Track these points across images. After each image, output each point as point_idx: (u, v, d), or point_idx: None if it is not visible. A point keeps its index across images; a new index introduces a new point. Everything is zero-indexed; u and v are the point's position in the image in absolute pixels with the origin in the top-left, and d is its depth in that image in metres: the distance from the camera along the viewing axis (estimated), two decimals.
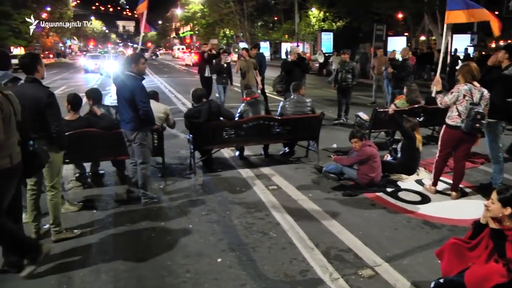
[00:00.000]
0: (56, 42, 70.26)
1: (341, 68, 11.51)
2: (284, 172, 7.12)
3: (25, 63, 4.39)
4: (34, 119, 4.27)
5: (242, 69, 11.87)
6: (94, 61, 33.60)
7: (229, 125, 7.07)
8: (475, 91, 5.54)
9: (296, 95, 7.91)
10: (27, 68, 4.39)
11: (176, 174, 7.04)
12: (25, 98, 4.21)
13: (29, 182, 4.59)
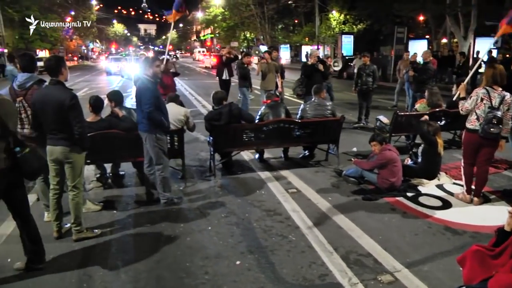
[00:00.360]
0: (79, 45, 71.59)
1: (361, 71, 11.43)
2: (303, 175, 7.09)
3: (50, 65, 4.50)
4: (57, 121, 4.39)
5: (263, 71, 11.90)
6: (117, 63, 34.09)
7: (249, 127, 7.08)
8: (494, 94, 5.43)
9: (317, 98, 7.90)
10: (52, 71, 4.50)
11: (196, 176, 7.08)
12: (49, 99, 4.37)
13: (51, 182, 4.70)
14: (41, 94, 4.52)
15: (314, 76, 10.42)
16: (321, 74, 10.60)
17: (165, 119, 5.43)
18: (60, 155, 4.52)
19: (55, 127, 4.44)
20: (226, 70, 13.27)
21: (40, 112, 4.46)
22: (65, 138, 4.46)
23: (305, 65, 11.03)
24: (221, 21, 60.45)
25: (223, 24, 59.89)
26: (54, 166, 4.62)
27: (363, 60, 11.62)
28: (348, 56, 32.59)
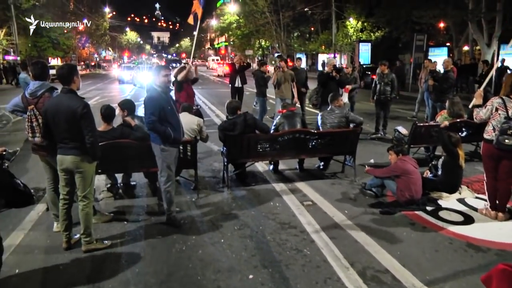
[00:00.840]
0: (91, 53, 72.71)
1: (379, 80, 11.38)
2: (319, 187, 7.08)
3: (62, 74, 4.59)
4: (69, 130, 4.47)
5: (279, 80, 11.93)
6: (129, 72, 34.51)
7: (264, 138, 7.10)
8: (511, 104, 5.36)
9: (333, 106, 7.90)
10: (64, 79, 4.59)
11: (209, 187, 7.11)
12: (60, 108, 4.46)
13: (61, 191, 4.76)
14: (52, 102, 4.61)
15: (329, 85, 10.43)
16: (336, 83, 10.60)
17: (173, 130, 5.25)
18: (70, 165, 4.57)
19: (66, 136, 4.51)
20: (239, 78, 13.44)
21: (51, 121, 4.53)
22: (76, 147, 4.53)
23: (321, 73, 11.10)
24: (236, 29, 60.93)
25: (238, 32, 60.34)
26: (65, 175, 4.68)
27: (381, 69, 11.58)
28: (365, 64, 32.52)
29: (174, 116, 5.33)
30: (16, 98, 5.17)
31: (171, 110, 5.27)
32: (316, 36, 47.73)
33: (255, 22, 52.13)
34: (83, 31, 57.24)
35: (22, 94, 5.11)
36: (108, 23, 69.84)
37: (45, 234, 5.30)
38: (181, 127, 5.46)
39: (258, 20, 50.93)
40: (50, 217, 5.47)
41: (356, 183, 7.21)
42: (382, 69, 11.52)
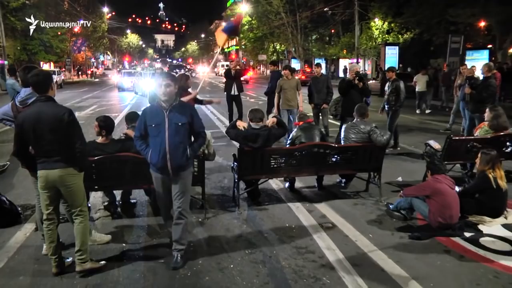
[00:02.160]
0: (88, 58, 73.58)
1: (387, 88, 11.44)
2: (340, 207, 7.06)
3: (38, 81, 4.65)
4: (54, 140, 4.50)
5: (282, 87, 11.90)
6: (130, 78, 34.83)
7: (278, 152, 7.12)
8: None
9: (358, 120, 7.84)
10: (40, 87, 4.65)
11: (217, 206, 7.14)
12: (43, 117, 4.46)
13: (44, 211, 4.77)
14: (30, 112, 4.56)
15: (351, 94, 10.31)
16: (359, 92, 10.44)
17: (153, 152, 4.96)
18: (58, 179, 4.57)
19: (50, 148, 4.51)
20: (235, 85, 13.72)
21: (30, 134, 4.50)
22: (62, 159, 4.54)
23: (342, 81, 10.91)
24: (248, 31, 61.32)
25: (250, 34, 60.76)
26: (48, 193, 4.66)
27: (388, 75, 11.59)
28: None
29: (156, 137, 4.89)
30: (6, 106, 5.25)
31: (155, 128, 4.88)
32: (336, 39, 47.94)
33: (269, 24, 52.49)
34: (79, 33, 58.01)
35: (12, 102, 5.18)
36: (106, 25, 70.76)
37: (33, 257, 5.34)
38: (165, 151, 4.85)
39: (273, 21, 51.28)
40: (39, 238, 5.50)
41: (382, 204, 7.17)
42: (390, 76, 11.55)
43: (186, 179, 5.07)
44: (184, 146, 4.92)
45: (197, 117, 5.08)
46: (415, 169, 9.15)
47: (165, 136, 4.82)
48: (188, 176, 5.11)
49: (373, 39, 38.91)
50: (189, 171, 5.12)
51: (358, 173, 7.96)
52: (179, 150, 4.87)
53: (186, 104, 5.15)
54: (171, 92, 4.85)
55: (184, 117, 4.91)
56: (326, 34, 52.09)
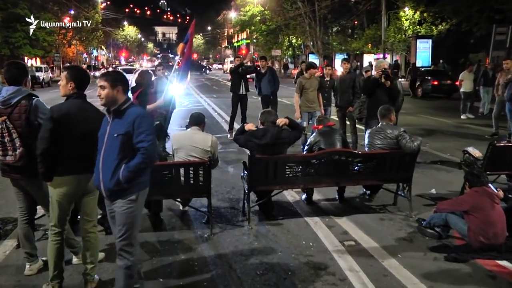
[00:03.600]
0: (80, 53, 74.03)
1: None
2: (364, 223, 7.05)
3: (13, 74, 4.82)
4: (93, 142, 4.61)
5: (304, 88, 11.90)
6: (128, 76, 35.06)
7: (294, 160, 7.12)
8: None
9: (384, 123, 7.82)
10: (16, 80, 4.82)
11: (225, 221, 7.16)
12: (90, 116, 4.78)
13: (56, 224, 4.87)
14: (73, 107, 4.75)
15: (377, 94, 10.01)
16: (386, 92, 10.02)
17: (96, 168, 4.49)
18: (90, 186, 4.77)
19: (86, 151, 4.67)
20: (243, 83, 13.79)
21: (74, 130, 4.69)
22: (92, 164, 4.63)
23: (367, 80, 10.71)
24: (260, 23, 61.42)
25: (263, 26, 60.79)
26: (70, 203, 4.87)
27: None
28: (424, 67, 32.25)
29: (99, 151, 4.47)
30: None
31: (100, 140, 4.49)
32: (360, 31, 47.84)
33: (284, 15, 52.53)
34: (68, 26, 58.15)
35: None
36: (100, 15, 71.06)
37: (14, 278, 5.37)
38: (99, 170, 4.40)
39: (288, 11, 51.30)
40: (21, 257, 5.52)
41: (412, 219, 7.14)
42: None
43: (124, 209, 4.35)
44: (117, 165, 4.25)
45: (141, 126, 4.27)
46: (451, 180, 9.11)
47: (102, 150, 4.40)
48: (127, 206, 4.35)
49: (403, 31, 38.67)
50: (129, 199, 4.34)
51: (385, 184, 7.93)
52: (109, 170, 4.28)
53: (134, 109, 4.41)
54: (108, 95, 4.33)
55: (123, 126, 4.30)
56: (348, 26, 52.03)
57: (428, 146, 11.87)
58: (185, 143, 6.83)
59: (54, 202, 4.79)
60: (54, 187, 4.76)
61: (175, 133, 8.26)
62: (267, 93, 13.97)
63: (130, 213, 4.35)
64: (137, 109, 4.43)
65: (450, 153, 11.59)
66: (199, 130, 7.02)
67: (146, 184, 4.46)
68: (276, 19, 55.31)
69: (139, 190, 4.38)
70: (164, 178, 6.41)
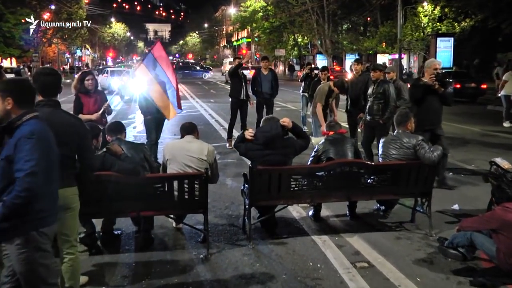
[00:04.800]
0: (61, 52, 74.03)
1: (370, 93, 10.78)
2: (378, 242, 7.04)
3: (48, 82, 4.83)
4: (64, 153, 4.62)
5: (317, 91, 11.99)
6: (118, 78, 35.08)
7: (300, 171, 7.11)
8: None
9: (400, 131, 7.81)
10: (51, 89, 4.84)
11: (224, 239, 7.15)
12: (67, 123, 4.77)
13: None
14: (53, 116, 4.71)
15: (428, 102, 9.49)
16: (439, 98, 9.52)
17: None
18: (65, 201, 4.71)
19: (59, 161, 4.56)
20: (244, 87, 13.84)
21: None
22: (69, 177, 4.70)
23: (416, 84, 10.21)
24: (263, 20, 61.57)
25: (265, 23, 60.97)
26: None
27: (374, 76, 10.74)
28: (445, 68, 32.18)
29: None
30: None
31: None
32: (373, 29, 47.76)
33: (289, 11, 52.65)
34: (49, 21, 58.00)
35: None
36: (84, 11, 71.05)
37: None
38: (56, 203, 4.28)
39: (293, 7, 51.43)
40: None
41: (432, 238, 7.13)
42: (376, 76, 10.76)
43: (15, 255, 3.94)
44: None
45: (21, 150, 3.85)
46: (476, 194, 9.10)
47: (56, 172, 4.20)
48: (16, 251, 3.93)
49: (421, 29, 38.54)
50: (16, 244, 3.92)
51: (401, 199, 7.93)
52: None
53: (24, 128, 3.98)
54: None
55: (7, 148, 3.98)
56: (360, 23, 52.00)
57: (450, 157, 11.82)
58: (179, 152, 6.84)
59: None
60: None
61: (166, 142, 8.24)
62: (266, 96, 14.13)
63: (23, 260, 3.90)
64: (25, 128, 3.94)
65: (475, 165, 11.60)
66: (193, 138, 7.04)
67: (40, 222, 3.96)
68: (280, 16, 55.53)
69: (28, 231, 3.89)
70: (155, 191, 6.40)
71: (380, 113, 10.56)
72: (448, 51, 35.25)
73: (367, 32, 49.96)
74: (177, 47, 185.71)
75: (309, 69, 17.24)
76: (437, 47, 35.12)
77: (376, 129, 10.66)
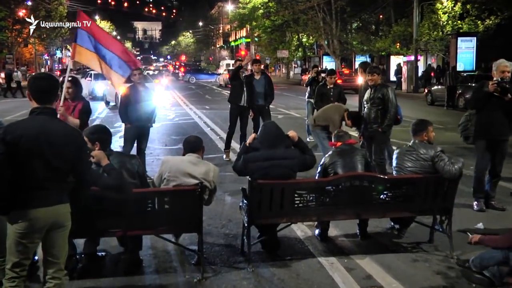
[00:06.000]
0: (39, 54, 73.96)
1: (367, 99, 10.71)
2: (393, 265, 7.03)
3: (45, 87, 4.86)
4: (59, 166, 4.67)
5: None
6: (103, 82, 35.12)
7: (305, 186, 7.12)
8: None
9: (417, 141, 7.80)
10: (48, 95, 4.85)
11: (220, 262, 7.13)
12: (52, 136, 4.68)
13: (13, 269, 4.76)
14: (32, 127, 4.68)
15: (491, 108, 9.33)
16: (503, 105, 9.31)
17: None
18: (59, 218, 4.72)
19: (52, 176, 4.63)
20: (245, 93, 13.78)
21: (32, 155, 4.57)
22: (64, 191, 4.69)
23: (478, 90, 9.94)
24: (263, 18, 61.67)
25: (266, 22, 61.09)
26: (31, 242, 4.69)
27: (370, 80, 10.67)
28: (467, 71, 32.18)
29: None
30: None
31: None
32: (386, 28, 47.84)
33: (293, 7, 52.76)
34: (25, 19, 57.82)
35: None
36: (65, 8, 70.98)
37: None
38: None
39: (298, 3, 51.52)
40: None
41: (454, 260, 7.12)
42: (374, 80, 10.63)
43: None
44: None
45: None
46: (505, 212, 9.20)
47: None
48: None
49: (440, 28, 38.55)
50: None
51: (418, 217, 7.93)
52: None
53: None
54: None
55: None
56: (371, 21, 52.19)
57: (473, 169, 11.82)
58: (181, 173, 6.68)
59: (11, 241, 4.71)
60: (11, 223, 4.68)
61: (167, 157, 8.15)
62: (261, 102, 14.11)
63: None
64: None
65: None
66: (198, 159, 6.93)
67: None
68: (283, 13, 55.66)
69: None
70: (145, 208, 6.40)
71: (379, 120, 10.48)
72: (470, 52, 35.21)
73: (379, 31, 50.04)
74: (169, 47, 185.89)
75: (315, 72, 17.12)
76: (458, 48, 35.08)
77: (375, 139, 10.63)
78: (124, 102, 11.09)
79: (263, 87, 14.07)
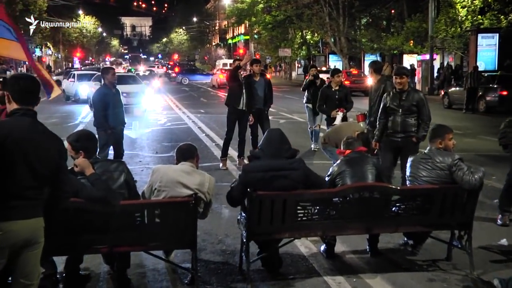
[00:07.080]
0: None
1: (391, 102, 10.22)
2: (407, 285, 7.03)
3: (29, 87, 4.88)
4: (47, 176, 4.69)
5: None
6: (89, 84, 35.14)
7: (310, 197, 7.11)
8: None
9: (433, 148, 7.77)
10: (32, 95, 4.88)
11: (216, 281, 7.12)
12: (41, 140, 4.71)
13: None
14: (19, 126, 4.66)
15: None
16: None
17: None
18: (33, 234, 4.68)
19: (35, 185, 4.62)
20: (245, 95, 13.72)
21: (17, 158, 4.53)
22: (40, 205, 4.67)
23: None
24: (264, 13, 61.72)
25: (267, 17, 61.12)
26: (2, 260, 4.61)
27: (398, 83, 10.16)
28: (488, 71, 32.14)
29: None
30: None
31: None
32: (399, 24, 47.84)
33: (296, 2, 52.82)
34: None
35: None
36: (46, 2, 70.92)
37: None
38: None
39: None
40: None
41: (475, 279, 7.11)
42: (403, 83, 10.16)
43: None
44: None
45: None
46: None
47: None
48: None
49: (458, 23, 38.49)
50: None
51: (434, 232, 7.93)
52: None
53: None
54: None
55: None
56: (382, 16, 52.24)
57: (495, 179, 11.85)
58: (173, 183, 6.66)
59: None
60: None
61: (158, 166, 8.08)
62: (259, 106, 14.09)
63: None
64: None
65: None
66: (192, 168, 6.93)
67: None
68: (285, 8, 55.70)
69: None
70: (133, 222, 6.39)
71: (413, 129, 10.12)
72: (492, 50, 35.16)
73: (390, 27, 50.06)
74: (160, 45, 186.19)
75: (312, 75, 16.77)
76: (478, 46, 35.05)
77: (406, 149, 10.10)
78: (101, 107, 11.14)
79: (263, 90, 14.07)
